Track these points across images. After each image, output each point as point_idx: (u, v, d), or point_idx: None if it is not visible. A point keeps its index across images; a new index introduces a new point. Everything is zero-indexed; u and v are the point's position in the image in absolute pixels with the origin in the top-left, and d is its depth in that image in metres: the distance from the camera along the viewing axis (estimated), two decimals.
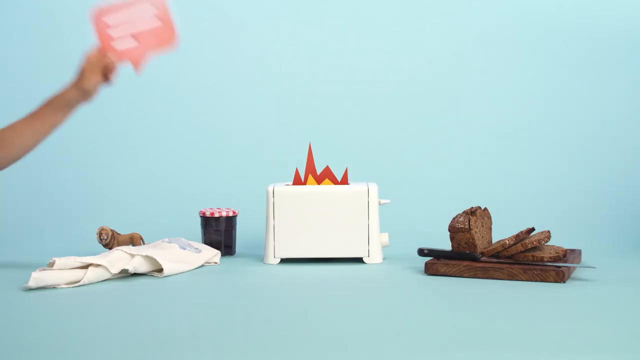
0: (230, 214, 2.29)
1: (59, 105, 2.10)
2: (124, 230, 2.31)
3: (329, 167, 2.22)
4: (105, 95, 2.86)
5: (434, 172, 2.76)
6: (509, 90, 2.84)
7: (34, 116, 2.11)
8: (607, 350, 1.44)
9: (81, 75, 2.09)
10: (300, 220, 2.15)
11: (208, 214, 2.28)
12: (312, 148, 2.23)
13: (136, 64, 2.11)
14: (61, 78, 2.18)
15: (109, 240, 2.21)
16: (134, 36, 2.11)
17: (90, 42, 2.13)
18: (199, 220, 2.31)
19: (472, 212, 2.09)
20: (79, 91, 2.09)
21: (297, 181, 2.20)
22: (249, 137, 2.84)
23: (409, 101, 2.85)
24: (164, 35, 2.11)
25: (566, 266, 1.93)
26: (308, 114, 2.85)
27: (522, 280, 1.92)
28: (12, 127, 2.11)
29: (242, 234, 2.35)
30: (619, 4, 2.83)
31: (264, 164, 2.78)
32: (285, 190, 2.16)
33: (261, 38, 2.91)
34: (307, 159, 2.21)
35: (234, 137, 2.81)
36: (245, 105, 2.85)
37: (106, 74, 2.10)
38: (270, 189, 2.17)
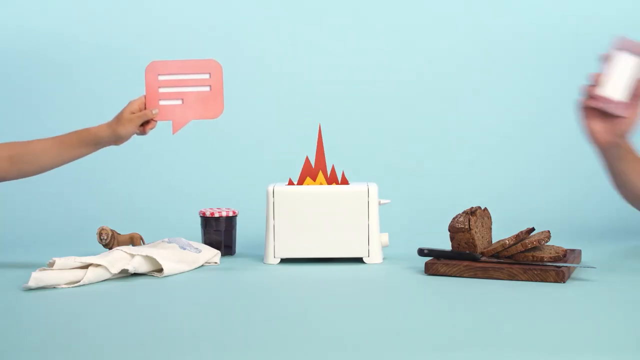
0: (230, 214, 2.29)
1: (88, 141, 2.10)
2: (124, 230, 2.31)
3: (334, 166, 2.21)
4: (105, 94, 2.88)
5: (434, 172, 2.76)
6: (509, 90, 2.84)
7: (59, 142, 2.11)
8: (607, 350, 1.44)
9: (119, 121, 2.09)
10: (300, 220, 2.15)
11: (208, 214, 2.28)
12: (311, 151, 2.22)
13: (176, 125, 2.13)
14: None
15: (109, 240, 2.21)
16: (182, 97, 2.12)
17: (138, 90, 2.16)
18: (199, 220, 2.31)
19: (472, 212, 2.09)
20: (112, 134, 2.09)
21: (307, 169, 2.19)
22: (249, 137, 2.85)
23: (410, 101, 2.86)
24: (210, 104, 2.14)
25: (566, 266, 1.93)
26: (308, 113, 2.85)
27: (522, 280, 1.92)
28: (32, 145, 2.11)
29: (242, 234, 2.35)
30: (618, 8, 2.84)
31: (264, 164, 2.78)
32: (285, 190, 2.16)
33: (261, 38, 2.91)
34: (317, 145, 2.20)
35: (234, 137, 2.82)
36: (245, 105, 2.85)
37: (144, 126, 2.11)
38: (270, 189, 2.17)
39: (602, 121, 2.01)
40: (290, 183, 2.20)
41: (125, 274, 2.01)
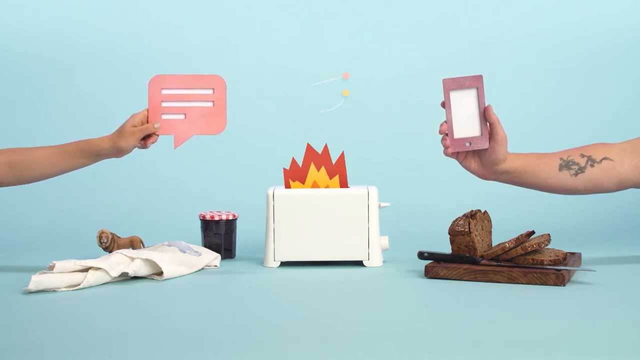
0: (230, 217, 2.29)
1: (89, 152, 2.10)
2: (124, 234, 2.31)
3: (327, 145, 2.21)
4: (105, 97, 2.88)
5: (434, 175, 2.76)
6: (509, 92, 2.84)
7: (59, 151, 2.11)
8: (607, 353, 1.44)
9: (121, 134, 2.09)
10: (300, 223, 2.15)
11: (208, 217, 2.28)
12: (312, 151, 2.22)
13: (177, 140, 2.13)
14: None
15: (109, 244, 2.21)
16: (184, 112, 2.12)
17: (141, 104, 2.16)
18: (199, 223, 2.31)
19: (472, 215, 2.09)
20: (113, 147, 2.09)
21: (294, 169, 2.19)
22: (249, 140, 2.85)
23: (409, 104, 2.86)
24: (212, 119, 2.14)
25: (566, 269, 1.93)
26: (308, 116, 2.85)
27: (522, 283, 1.92)
28: (32, 152, 2.12)
29: (242, 237, 2.35)
30: (619, 14, 2.86)
31: (264, 167, 2.78)
32: (285, 194, 2.16)
33: (261, 39, 2.91)
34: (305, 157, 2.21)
35: (234, 140, 2.82)
36: (245, 109, 2.85)
37: (145, 140, 2.11)
38: (270, 192, 2.17)
39: (474, 158, 2.05)
40: (289, 174, 2.19)
41: (125, 277, 2.01)
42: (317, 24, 2.92)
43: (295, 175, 2.21)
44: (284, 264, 2.18)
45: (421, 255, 2.06)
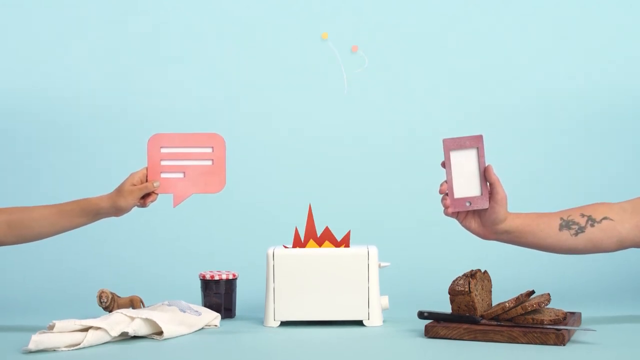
0: (230, 277, 2.29)
1: (88, 212, 2.11)
2: (123, 293, 2.31)
3: (329, 228, 2.22)
4: (103, 156, 2.89)
5: (434, 235, 2.76)
6: (508, 151, 2.85)
7: (58, 210, 2.11)
8: None
9: (120, 192, 2.10)
10: (300, 283, 2.15)
11: (208, 277, 2.28)
12: (312, 209, 2.23)
13: (176, 199, 2.14)
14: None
15: (109, 303, 2.21)
16: (183, 170, 2.14)
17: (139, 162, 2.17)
18: (199, 283, 2.31)
19: (472, 275, 2.09)
20: (112, 206, 2.10)
21: (297, 243, 2.21)
22: (249, 199, 2.85)
23: (409, 162, 2.87)
24: (211, 178, 2.15)
25: (566, 329, 1.93)
26: (308, 175, 2.86)
27: (522, 343, 1.92)
28: (31, 211, 2.12)
29: (242, 297, 2.35)
30: (619, 75, 2.88)
31: (264, 226, 2.78)
32: (285, 253, 2.16)
33: (261, 95, 2.92)
34: (307, 221, 2.22)
35: (234, 199, 2.82)
36: (245, 167, 2.86)
37: (144, 199, 2.12)
38: (270, 251, 2.17)
39: (474, 218, 2.06)
40: (297, 240, 2.20)
41: (125, 337, 2.01)
42: (318, 81, 2.93)
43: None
44: (284, 323, 2.17)
45: (421, 315, 2.06)
